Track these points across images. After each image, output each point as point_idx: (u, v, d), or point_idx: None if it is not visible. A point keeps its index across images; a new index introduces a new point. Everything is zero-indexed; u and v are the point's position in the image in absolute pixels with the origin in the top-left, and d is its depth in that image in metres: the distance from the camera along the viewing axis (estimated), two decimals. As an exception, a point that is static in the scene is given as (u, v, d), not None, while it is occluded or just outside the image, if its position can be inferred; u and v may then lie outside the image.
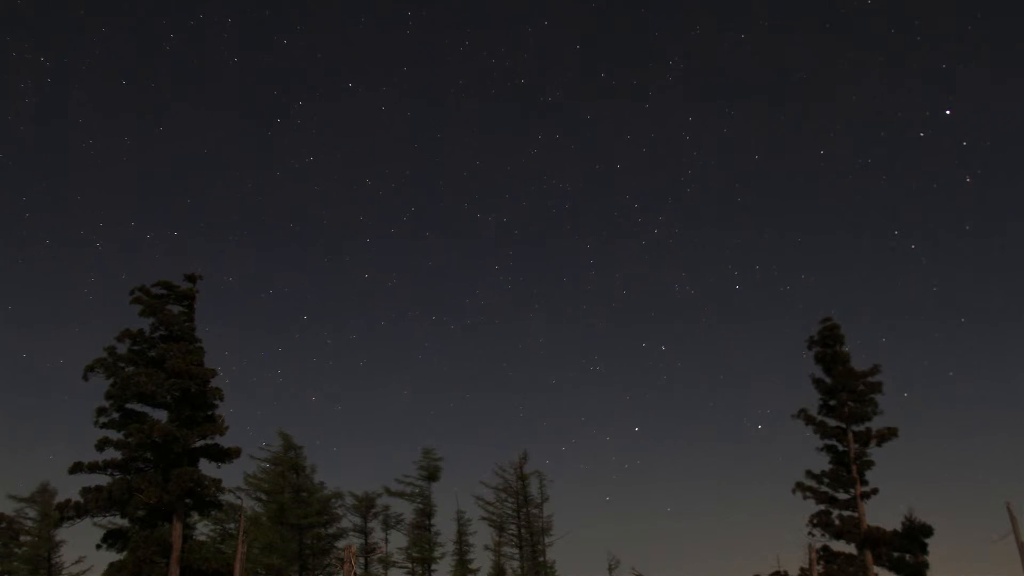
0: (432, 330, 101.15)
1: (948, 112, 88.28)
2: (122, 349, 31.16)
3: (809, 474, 35.65)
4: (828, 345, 37.13)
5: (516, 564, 47.66)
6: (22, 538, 44.83)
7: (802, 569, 35.06)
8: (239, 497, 41.07)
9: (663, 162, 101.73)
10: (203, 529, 38.62)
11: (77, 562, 44.41)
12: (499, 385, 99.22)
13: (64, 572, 44.57)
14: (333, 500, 46.36)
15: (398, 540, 57.87)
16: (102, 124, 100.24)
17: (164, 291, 32.29)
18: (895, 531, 34.01)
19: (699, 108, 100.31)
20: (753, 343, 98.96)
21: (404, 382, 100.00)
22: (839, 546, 34.70)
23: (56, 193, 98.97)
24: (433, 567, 46.96)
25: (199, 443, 30.60)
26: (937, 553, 33.52)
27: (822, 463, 35.89)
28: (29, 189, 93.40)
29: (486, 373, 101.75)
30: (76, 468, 29.26)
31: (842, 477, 34.84)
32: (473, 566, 47.72)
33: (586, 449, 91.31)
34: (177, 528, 29.23)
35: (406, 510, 49.34)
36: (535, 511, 48.38)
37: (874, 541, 33.76)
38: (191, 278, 32.74)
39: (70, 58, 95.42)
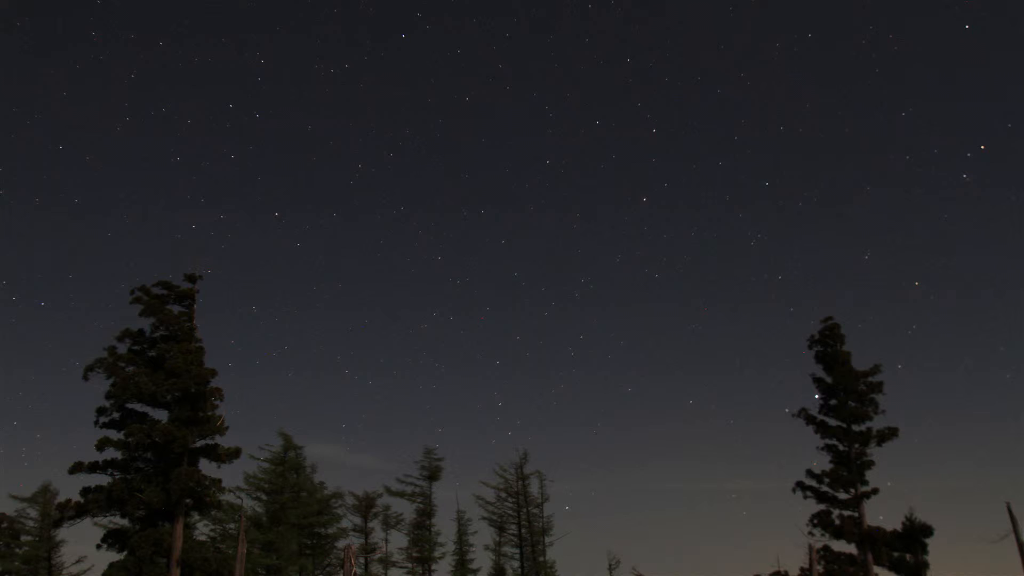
0: (433, 327, 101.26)
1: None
2: (122, 349, 31.20)
3: (809, 474, 35.64)
4: (828, 345, 37.11)
5: (516, 564, 47.67)
6: (23, 538, 44.83)
7: (802, 569, 35.03)
8: (239, 497, 41.11)
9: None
10: (203, 529, 38.60)
11: (77, 562, 44.45)
12: (500, 382, 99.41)
13: (64, 572, 44.57)
14: (333, 500, 46.40)
15: (398, 540, 57.84)
16: (101, 118, 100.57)
17: (164, 291, 32.29)
18: (895, 531, 33.99)
19: (714, 107, 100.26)
20: (755, 339, 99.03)
21: (405, 380, 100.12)
22: (839, 546, 34.70)
23: (57, 191, 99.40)
24: (433, 567, 46.98)
25: (199, 443, 30.61)
26: (937, 553, 33.51)
27: (822, 463, 35.92)
28: (4, 197, 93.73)
29: (486, 369, 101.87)
30: (76, 468, 29.27)
31: (842, 477, 34.81)
32: (473, 566, 47.73)
33: (586, 446, 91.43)
34: (177, 528, 29.22)
35: (406, 510, 49.41)
36: (535, 511, 48.39)
37: (874, 541, 33.74)
38: (191, 278, 32.74)
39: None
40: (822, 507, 35.10)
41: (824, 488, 35.20)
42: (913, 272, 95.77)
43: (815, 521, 34.86)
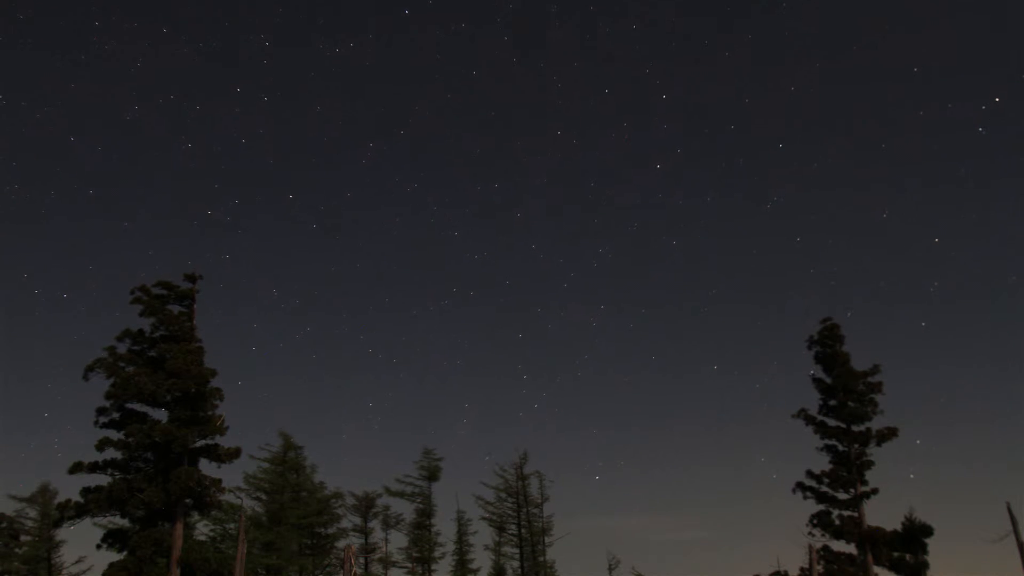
0: (453, 303, 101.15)
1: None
2: (122, 349, 31.23)
3: (809, 474, 35.65)
4: (828, 345, 37.13)
5: (516, 564, 47.69)
6: (22, 538, 44.82)
7: (802, 569, 35.03)
8: (239, 497, 41.09)
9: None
10: (203, 529, 38.58)
11: (77, 562, 44.40)
12: (499, 381, 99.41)
13: (64, 572, 44.56)
14: (333, 500, 46.40)
15: (398, 540, 57.91)
16: (109, 108, 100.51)
17: (164, 291, 32.33)
18: (895, 531, 34.01)
19: (722, 70, 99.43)
20: (756, 338, 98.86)
21: (405, 380, 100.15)
22: (839, 546, 34.72)
23: (71, 183, 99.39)
24: (433, 567, 46.98)
25: (199, 443, 30.65)
26: (937, 553, 33.52)
27: (822, 463, 35.92)
28: (19, 191, 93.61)
29: (486, 368, 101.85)
30: (76, 468, 29.29)
31: (842, 477, 34.83)
32: (473, 566, 47.73)
33: (585, 445, 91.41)
34: (177, 528, 29.25)
35: (406, 510, 49.40)
36: (535, 511, 48.42)
37: (874, 541, 33.77)
38: (191, 278, 32.77)
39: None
40: (822, 507, 35.13)
41: (824, 488, 35.22)
42: (931, 230, 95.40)
43: (815, 521, 34.90)
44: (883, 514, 35.00)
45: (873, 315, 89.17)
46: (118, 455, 29.83)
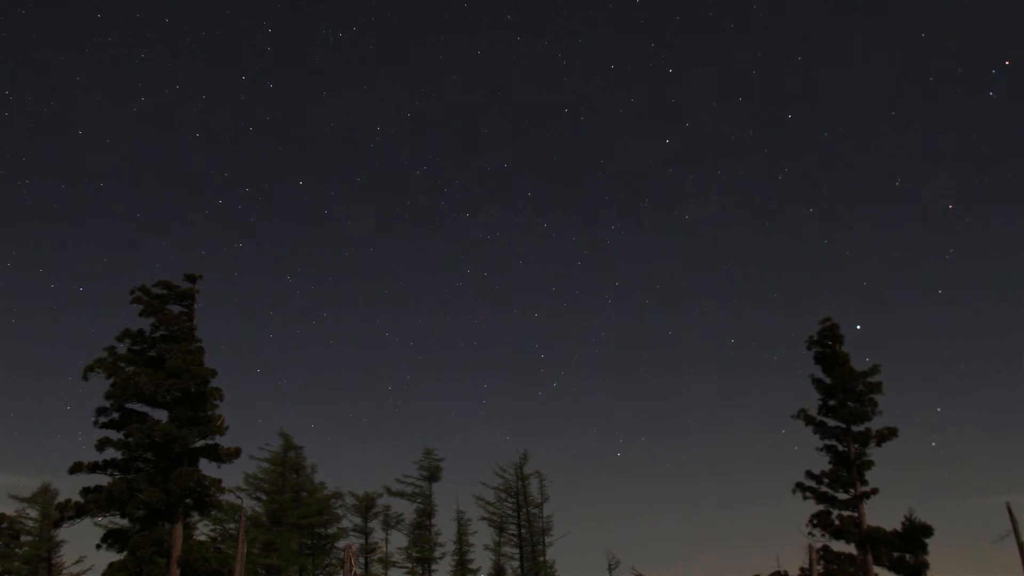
0: (468, 283, 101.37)
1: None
2: (122, 349, 31.22)
3: (809, 474, 35.64)
4: (827, 345, 37.11)
5: (516, 564, 47.70)
6: (22, 538, 44.86)
7: (802, 569, 35.03)
8: (239, 497, 41.10)
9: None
10: (203, 529, 38.58)
11: (77, 562, 44.46)
12: (500, 382, 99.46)
13: (64, 572, 44.59)
14: (333, 500, 46.40)
15: (398, 540, 57.82)
16: (116, 99, 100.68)
17: (164, 291, 32.33)
18: (895, 531, 34.02)
19: (728, 42, 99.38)
20: (755, 339, 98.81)
21: (406, 380, 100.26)
22: (839, 546, 34.72)
23: (81, 176, 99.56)
24: (433, 567, 47.00)
25: (199, 443, 30.65)
26: (937, 553, 33.53)
27: (822, 463, 35.93)
28: (32, 186, 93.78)
29: (486, 369, 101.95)
30: (76, 468, 29.31)
31: (842, 477, 34.83)
32: (473, 566, 47.75)
33: (585, 446, 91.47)
34: (177, 528, 29.26)
35: (406, 510, 49.40)
36: (535, 511, 48.44)
37: (874, 541, 33.77)
38: (191, 278, 32.77)
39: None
40: (822, 507, 35.12)
41: (824, 488, 35.21)
42: (945, 195, 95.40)
43: (815, 521, 34.88)
44: (883, 514, 35.06)
45: (879, 302, 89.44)
46: (118, 455, 29.86)
